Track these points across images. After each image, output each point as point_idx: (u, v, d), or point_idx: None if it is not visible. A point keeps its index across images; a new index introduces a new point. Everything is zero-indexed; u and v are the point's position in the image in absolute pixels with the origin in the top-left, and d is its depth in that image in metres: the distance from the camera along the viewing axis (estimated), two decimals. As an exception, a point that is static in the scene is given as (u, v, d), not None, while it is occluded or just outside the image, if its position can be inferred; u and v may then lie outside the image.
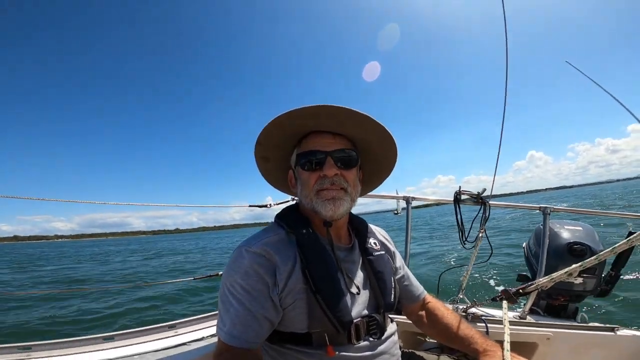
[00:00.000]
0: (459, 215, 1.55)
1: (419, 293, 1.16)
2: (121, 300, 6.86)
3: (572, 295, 2.04)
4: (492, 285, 5.63)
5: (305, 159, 0.91)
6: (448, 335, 1.08)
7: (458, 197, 1.58)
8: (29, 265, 19.05)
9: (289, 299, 0.83)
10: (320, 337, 0.84)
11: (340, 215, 0.90)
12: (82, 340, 1.10)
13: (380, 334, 0.92)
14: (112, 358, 1.02)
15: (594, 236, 2.08)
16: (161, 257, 20.45)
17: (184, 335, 1.24)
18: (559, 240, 2.06)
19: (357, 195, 0.97)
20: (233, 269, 0.83)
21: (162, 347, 1.09)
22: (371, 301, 0.95)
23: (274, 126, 0.89)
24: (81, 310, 6.18)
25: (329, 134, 0.93)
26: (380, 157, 1.03)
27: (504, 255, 7.87)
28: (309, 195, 0.90)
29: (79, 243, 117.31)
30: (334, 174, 0.88)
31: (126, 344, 1.14)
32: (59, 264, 18.88)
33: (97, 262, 19.60)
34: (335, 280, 0.86)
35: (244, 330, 0.78)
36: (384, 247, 1.12)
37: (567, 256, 2.00)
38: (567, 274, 1.02)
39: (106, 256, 25.14)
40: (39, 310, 6.15)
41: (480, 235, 1.56)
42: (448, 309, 1.15)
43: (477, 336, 1.03)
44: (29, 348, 1.02)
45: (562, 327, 1.55)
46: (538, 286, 1.12)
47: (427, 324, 1.14)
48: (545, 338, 1.50)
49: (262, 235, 0.90)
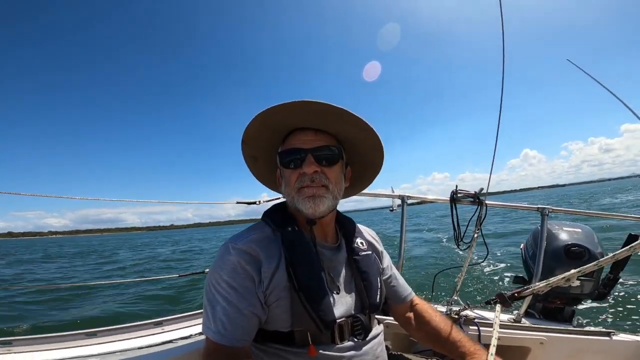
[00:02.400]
0: (454, 215, 1.52)
1: (406, 294, 1.15)
2: (106, 297, 6.87)
3: (569, 298, 2.01)
4: (487, 287, 5.59)
5: (286, 157, 0.91)
6: (435, 338, 1.06)
7: (455, 196, 1.56)
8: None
9: (273, 296, 0.82)
10: (303, 336, 0.83)
11: (321, 213, 0.88)
12: (63, 336, 1.08)
13: (365, 335, 0.91)
14: (93, 354, 1.00)
15: (593, 238, 2.05)
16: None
17: (171, 333, 1.22)
18: (557, 242, 2.02)
19: (341, 192, 0.95)
20: (219, 266, 0.83)
21: (147, 344, 1.07)
22: (356, 301, 0.94)
23: (255, 125, 0.89)
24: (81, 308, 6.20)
25: (311, 131, 0.91)
26: (368, 155, 1.01)
27: (501, 256, 7.83)
28: (291, 193, 0.90)
29: (78, 239, 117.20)
30: (313, 171, 0.87)
31: (109, 340, 1.12)
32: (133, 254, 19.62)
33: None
34: (319, 278, 0.86)
35: (232, 328, 0.77)
36: (372, 247, 1.10)
37: (564, 258, 1.97)
38: (564, 280, 0.99)
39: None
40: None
41: (476, 236, 1.53)
42: (436, 312, 1.13)
43: (465, 340, 1.01)
44: (9, 343, 1.00)
45: (556, 331, 1.53)
46: (534, 290, 1.10)
47: (415, 326, 1.12)
48: (539, 342, 1.48)
49: (249, 232, 0.90)
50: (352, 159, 1.02)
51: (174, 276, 1.74)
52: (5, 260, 20.45)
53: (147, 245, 31.92)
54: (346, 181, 1.00)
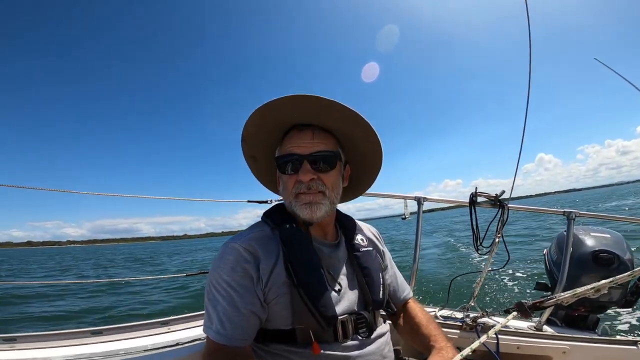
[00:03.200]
0: (474, 219, 1.45)
1: (403, 294, 1.13)
2: (112, 295, 7.03)
3: (595, 305, 1.91)
4: (507, 294, 5.41)
5: (283, 162, 0.91)
6: (414, 333, 1.03)
7: (474, 199, 1.48)
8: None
9: (272, 293, 0.83)
10: (305, 334, 0.83)
11: (318, 219, 0.89)
12: (68, 334, 1.08)
13: (369, 333, 0.90)
14: (98, 352, 1.00)
15: (623, 245, 1.93)
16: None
17: (177, 333, 1.21)
18: (584, 248, 1.92)
19: (339, 196, 0.96)
20: (219, 266, 0.83)
21: (153, 344, 1.06)
22: (359, 298, 0.93)
23: (253, 121, 0.89)
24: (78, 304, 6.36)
25: (308, 131, 0.90)
26: (367, 153, 0.99)
27: (522, 262, 7.58)
28: (289, 198, 0.91)
29: (93, 248, 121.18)
30: (309, 179, 0.87)
31: (115, 339, 1.11)
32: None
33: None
34: (318, 275, 0.86)
35: (232, 327, 0.78)
36: (372, 243, 1.09)
37: (591, 265, 1.86)
38: (594, 290, 0.91)
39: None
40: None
41: (497, 241, 1.45)
42: (423, 310, 1.11)
43: (441, 337, 0.97)
44: (14, 339, 1.00)
45: (580, 340, 1.45)
46: (558, 301, 1.01)
47: (402, 325, 1.09)
48: (561, 352, 1.40)
49: (248, 231, 0.92)
50: (351, 157, 1.01)
51: (181, 275, 1.74)
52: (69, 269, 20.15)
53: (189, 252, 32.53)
54: (344, 181, 1.00)
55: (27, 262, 26.20)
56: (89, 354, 0.99)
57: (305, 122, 0.91)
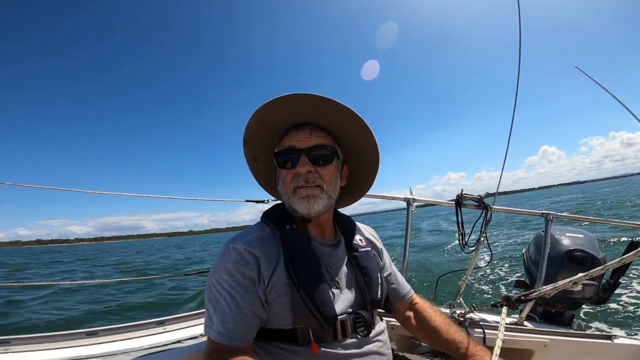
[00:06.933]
0: (459, 219, 1.52)
1: (405, 292, 1.15)
2: (108, 295, 6.79)
3: (570, 302, 2.01)
4: (489, 291, 5.58)
5: (281, 157, 0.92)
6: (436, 338, 1.05)
7: (460, 200, 1.55)
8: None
9: (273, 293, 0.83)
10: (305, 333, 0.83)
11: (316, 213, 0.90)
12: (63, 335, 1.06)
13: (367, 332, 0.91)
14: (94, 354, 0.98)
15: (595, 244, 2.06)
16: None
17: (174, 333, 1.20)
18: (560, 247, 2.03)
19: (337, 191, 0.96)
20: (220, 266, 0.83)
21: (149, 344, 1.05)
22: (357, 298, 0.94)
23: (254, 121, 0.92)
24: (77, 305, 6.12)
25: (306, 129, 0.92)
26: (365, 153, 1.01)
27: (503, 260, 7.84)
28: (287, 193, 0.92)
29: (99, 245, 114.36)
30: (307, 172, 0.88)
31: (110, 340, 1.10)
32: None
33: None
34: (319, 275, 0.87)
35: (234, 327, 0.78)
36: (371, 244, 1.11)
37: (566, 262, 1.97)
38: (572, 283, 0.99)
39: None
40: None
41: (482, 240, 1.52)
42: (437, 311, 1.13)
43: (466, 340, 1.00)
44: (8, 342, 0.98)
45: (559, 334, 1.53)
46: (541, 293, 1.09)
47: (416, 325, 1.12)
48: (542, 345, 1.48)
49: (248, 232, 0.92)
50: (349, 157, 1.03)
51: (180, 274, 1.72)
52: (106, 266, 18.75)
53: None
54: (342, 180, 1.01)
55: (62, 262, 23.78)
56: (85, 355, 0.97)
57: (302, 120, 0.93)
